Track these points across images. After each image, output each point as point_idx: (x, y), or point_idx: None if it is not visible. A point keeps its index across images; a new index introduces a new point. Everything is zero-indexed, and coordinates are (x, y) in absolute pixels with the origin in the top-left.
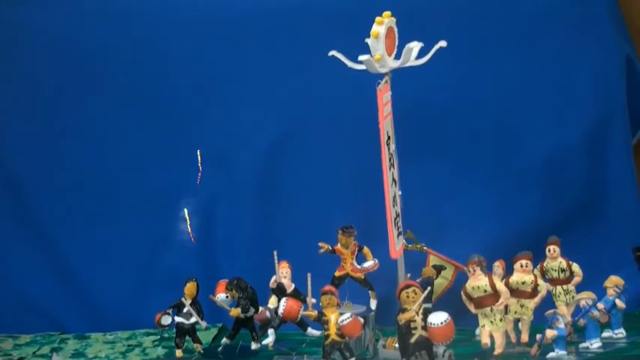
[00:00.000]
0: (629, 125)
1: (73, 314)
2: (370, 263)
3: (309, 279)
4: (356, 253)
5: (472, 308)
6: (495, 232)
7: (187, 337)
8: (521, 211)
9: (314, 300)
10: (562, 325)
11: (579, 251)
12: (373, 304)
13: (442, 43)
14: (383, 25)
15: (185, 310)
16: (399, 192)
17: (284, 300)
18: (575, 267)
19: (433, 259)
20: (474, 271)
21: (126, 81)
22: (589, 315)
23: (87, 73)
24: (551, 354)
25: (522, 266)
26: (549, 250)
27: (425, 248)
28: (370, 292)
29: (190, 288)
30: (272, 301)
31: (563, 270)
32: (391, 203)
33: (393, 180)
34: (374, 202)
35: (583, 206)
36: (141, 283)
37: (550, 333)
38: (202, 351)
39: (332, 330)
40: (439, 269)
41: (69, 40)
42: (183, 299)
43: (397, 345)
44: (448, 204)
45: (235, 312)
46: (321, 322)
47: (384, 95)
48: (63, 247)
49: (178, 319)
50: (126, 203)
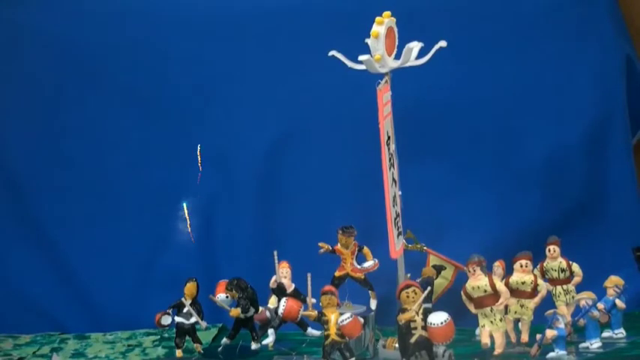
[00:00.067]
0: (629, 125)
1: (73, 314)
2: (370, 263)
3: (309, 279)
4: (356, 253)
5: (472, 308)
6: (495, 232)
7: (187, 337)
8: (521, 211)
9: (314, 300)
10: (562, 325)
11: (579, 251)
12: (373, 304)
13: (442, 43)
14: (383, 25)
15: (185, 310)
16: (399, 192)
17: (284, 300)
18: (575, 267)
19: (433, 259)
20: (474, 271)
21: (126, 81)
22: (589, 315)
23: (87, 73)
24: (551, 354)
25: (522, 266)
26: (549, 250)
27: (425, 248)
28: (370, 292)
29: (190, 288)
30: (272, 301)
31: (563, 270)
32: (391, 203)
33: (393, 180)
34: (374, 202)
35: (583, 206)
36: (141, 283)
37: (550, 333)
38: (202, 351)
39: (332, 330)
40: (439, 269)
41: (69, 40)
42: (183, 299)
43: (397, 345)
44: (448, 204)
45: (235, 312)
46: (321, 322)
47: (384, 95)
48: (63, 247)
49: (178, 319)
50: (126, 203)
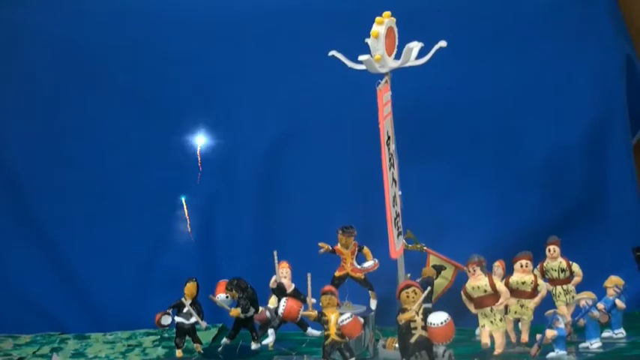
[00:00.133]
0: (629, 125)
1: (73, 314)
2: (370, 263)
3: (309, 279)
4: (356, 253)
5: (472, 308)
6: (495, 232)
7: (187, 337)
8: (521, 211)
9: (314, 300)
10: (562, 325)
11: (579, 251)
12: (373, 304)
13: (442, 43)
14: (383, 25)
15: (185, 310)
16: (399, 192)
17: (284, 300)
18: (575, 267)
19: (433, 259)
20: (474, 271)
21: (126, 81)
22: (589, 315)
23: (87, 73)
24: (551, 354)
25: (522, 266)
26: (549, 250)
27: (425, 248)
28: (370, 292)
29: (190, 288)
30: (272, 301)
31: (563, 270)
32: (391, 203)
33: (393, 180)
34: (374, 202)
35: (583, 206)
36: (141, 283)
37: (550, 333)
38: (202, 351)
39: (332, 330)
40: (439, 269)
41: (69, 40)
42: (183, 299)
43: (397, 345)
44: (448, 204)
45: (235, 312)
46: (321, 322)
47: (384, 95)
48: (63, 247)
49: (178, 319)
50: (126, 203)
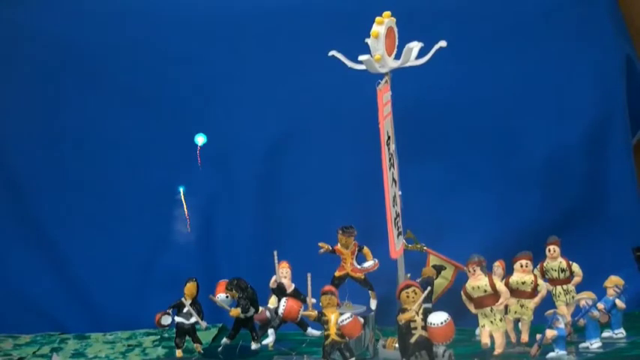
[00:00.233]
0: (629, 125)
1: (73, 314)
2: (370, 263)
3: (309, 279)
4: (356, 253)
5: (472, 308)
6: (495, 232)
7: (187, 337)
8: (521, 211)
9: (314, 300)
10: (562, 325)
11: (579, 251)
12: (373, 304)
13: (442, 43)
14: (383, 25)
15: (185, 310)
16: (399, 192)
17: (284, 300)
18: (575, 267)
19: (433, 259)
20: (474, 271)
21: (126, 81)
22: (589, 315)
23: (87, 73)
24: (551, 354)
25: (522, 266)
26: (549, 250)
27: (425, 248)
28: (370, 292)
29: (190, 288)
30: (272, 301)
31: (563, 270)
32: (391, 203)
33: (393, 180)
34: (374, 202)
35: (583, 206)
36: (141, 283)
37: (550, 333)
38: (202, 351)
39: (332, 330)
40: (439, 269)
41: (69, 40)
42: (183, 299)
43: (397, 345)
44: (448, 204)
45: (235, 312)
46: (321, 322)
47: (384, 95)
48: (63, 247)
49: (178, 319)
50: (126, 203)
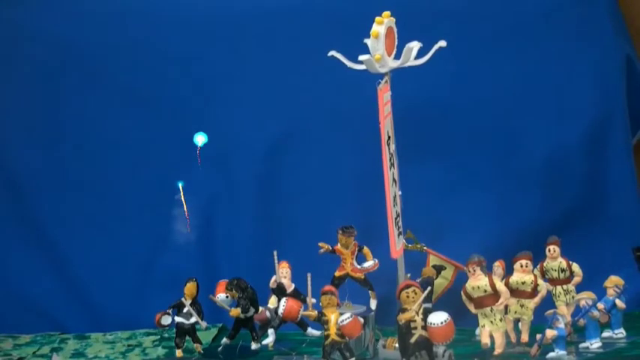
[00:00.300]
0: (629, 125)
1: (73, 314)
2: (370, 263)
3: (309, 279)
4: (356, 253)
5: (472, 308)
6: (495, 232)
7: (187, 337)
8: (521, 211)
9: (314, 300)
10: (562, 325)
11: (579, 251)
12: (373, 304)
13: (442, 43)
14: (383, 25)
15: (185, 310)
16: (399, 192)
17: (284, 300)
18: (575, 267)
19: (433, 259)
20: (474, 271)
21: (126, 81)
22: (589, 315)
23: (87, 73)
24: (551, 354)
25: (522, 266)
26: (549, 250)
27: (425, 248)
28: (370, 292)
29: (190, 288)
30: (272, 301)
31: (563, 270)
32: (392, 203)
33: (394, 180)
34: (374, 202)
35: (583, 206)
36: (141, 283)
37: (550, 333)
38: (202, 351)
39: (332, 330)
40: (439, 269)
41: (69, 40)
42: (183, 299)
43: (397, 345)
44: (448, 204)
45: (235, 312)
46: (321, 322)
47: (384, 95)
48: (63, 247)
49: (178, 319)
50: (126, 203)
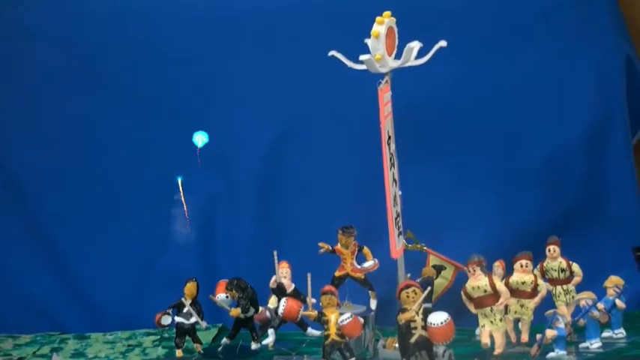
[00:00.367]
0: (629, 125)
1: (73, 314)
2: (370, 263)
3: (309, 279)
4: (356, 253)
5: (472, 308)
6: (495, 232)
7: (187, 337)
8: (521, 211)
9: (314, 300)
10: (562, 325)
11: (579, 251)
12: (373, 304)
13: (442, 43)
14: (383, 25)
15: (185, 310)
16: (399, 192)
17: (284, 300)
18: (575, 267)
19: (433, 259)
20: (474, 271)
21: (126, 81)
22: (589, 315)
23: (87, 73)
24: (551, 354)
25: (522, 266)
26: (549, 250)
27: (425, 248)
28: (370, 292)
29: (190, 288)
30: (272, 301)
31: (563, 270)
32: (392, 203)
33: (394, 180)
34: (374, 202)
35: (583, 206)
36: (141, 283)
37: (550, 333)
38: (202, 351)
39: (332, 330)
40: (439, 269)
41: (69, 40)
42: (183, 299)
43: (397, 345)
44: (448, 204)
45: (235, 312)
46: (321, 322)
47: (385, 95)
48: (63, 247)
49: (178, 319)
50: (126, 203)
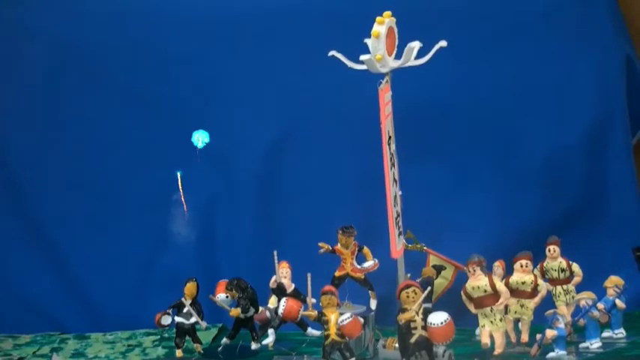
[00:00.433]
0: (629, 125)
1: (73, 314)
2: (370, 263)
3: (309, 279)
4: (356, 253)
5: (472, 308)
6: (495, 232)
7: (187, 337)
8: (521, 211)
9: (314, 300)
10: (562, 325)
11: (579, 251)
12: (373, 304)
13: (442, 43)
14: (384, 25)
15: (185, 310)
16: (400, 192)
17: (284, 300)
18: (575, 267)
19: (433, 259)
20: (474, 271)
21: (126, 81)
22: (589, 315)
23: (87, 73)
24: (551, 354)
25: (522, 266)
26: (549, 250)
27: (425, 248)
28: (370, 292)
29: (190, 288)
30: (272, 301)
31: (563, 270)
32: (392, 203)
33: (394, 180)
34: (374, 202)
35: (583, 206)
36: (141, 283)
37: (550, 333)
38: (202, 351)
39: (332, 330)
40: (439, 269)
41: (69, 40)
42: (183, 299)
43: (397, 345)
44: (448, 204)
45: (235, 312)
46: (321, 322)
47: (385, 95)
48: (63, 247)
49: (178, 319)
50: (126, 203)
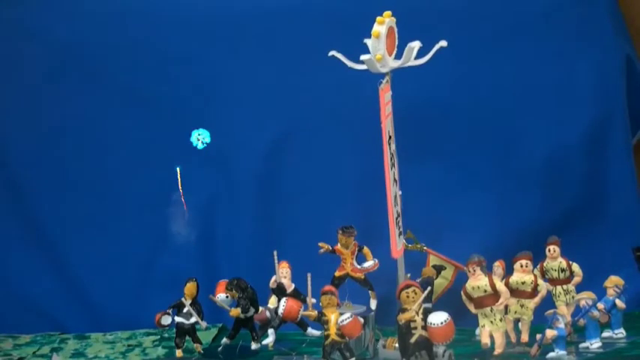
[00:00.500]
0: (629, 125)
1: (73, 314)
2: (370, 263)
3: (309, 279)
4: (356, 253)
5: (472, 308)
6: (495, 232)
7: (187, 337)
8: (521, 211)
9: (314, 300)
10: (562, 325)
11: (579, 251)
12: (373, 304)
13: (442, 43)
14: (384, 25)
15: (185, 310)
16: (400, 192)
17: (284, 300)
18: (575, 267)
19: (433, 259)
20: (474, 271)
21: (126, 81)
22: (589, 315)
23: (87, 73)
24: (551, 354)
25: (522, 266)
26: (549, 250)
27: (425, 248)
28: (370, 292)
29: (190, 288)
30: (272, 301)
31: (563, 270)
32: (392, 203)
33: (394, 180)
34: (374, 202)
35: (583, 206)
36: (141, 283)
37: (550, 333)
38: (202, 351)
39: (332, 330)
40: (439, 269)
41: (69, 40)
42: (183, 299)
43: (397, 345)
44: (448, 204)
45: (235, 312)
46: (321, 322)
47: (385, 95)
48: (63, 247)
49: (178, 319)
50: (126, 203)
